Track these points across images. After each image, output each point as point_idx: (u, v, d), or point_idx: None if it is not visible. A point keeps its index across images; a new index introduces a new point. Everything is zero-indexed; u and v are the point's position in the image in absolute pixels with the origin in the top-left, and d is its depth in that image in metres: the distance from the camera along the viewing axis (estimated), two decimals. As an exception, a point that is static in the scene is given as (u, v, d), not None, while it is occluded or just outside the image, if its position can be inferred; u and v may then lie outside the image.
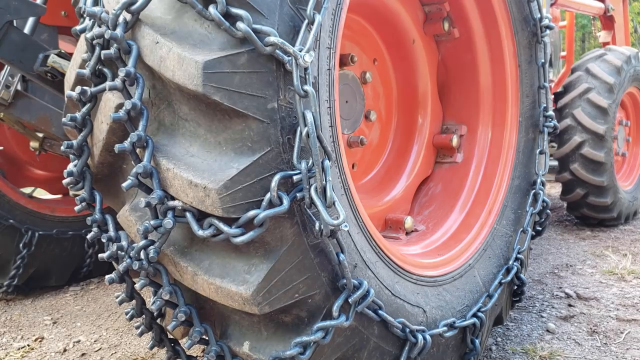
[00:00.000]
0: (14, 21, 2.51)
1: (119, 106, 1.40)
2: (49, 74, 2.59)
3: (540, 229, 2.78)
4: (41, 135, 3.52)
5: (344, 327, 1.53)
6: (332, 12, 1.59)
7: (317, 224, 1.38)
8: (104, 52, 1.38)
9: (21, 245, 3.64)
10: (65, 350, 2.82)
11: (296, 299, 1.44)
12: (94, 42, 1.41)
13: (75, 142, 1.53)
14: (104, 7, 1.44)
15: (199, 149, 1.37)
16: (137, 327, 1.66)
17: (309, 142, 1.34)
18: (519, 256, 2.45)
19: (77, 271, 4.04)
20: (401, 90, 2.75)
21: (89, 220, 1.58)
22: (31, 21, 2.77)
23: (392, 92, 2.74)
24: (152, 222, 1.36)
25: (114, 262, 1.55)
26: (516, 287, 2.51)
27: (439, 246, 2.35)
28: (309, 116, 1.33)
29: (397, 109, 2.78)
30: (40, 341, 2.98)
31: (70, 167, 1.55)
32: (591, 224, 5.19)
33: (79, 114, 1.50)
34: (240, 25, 1.27)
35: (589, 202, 4.85)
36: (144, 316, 1.64)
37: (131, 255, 1.43)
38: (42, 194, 4.36)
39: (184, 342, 1.58)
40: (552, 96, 4.94)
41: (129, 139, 1.34)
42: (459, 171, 2.70)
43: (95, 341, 2.91)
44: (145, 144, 1.35)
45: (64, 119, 1.52)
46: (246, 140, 1.33)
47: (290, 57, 1.32)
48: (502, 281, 2.31)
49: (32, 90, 3.07)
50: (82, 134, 1.52)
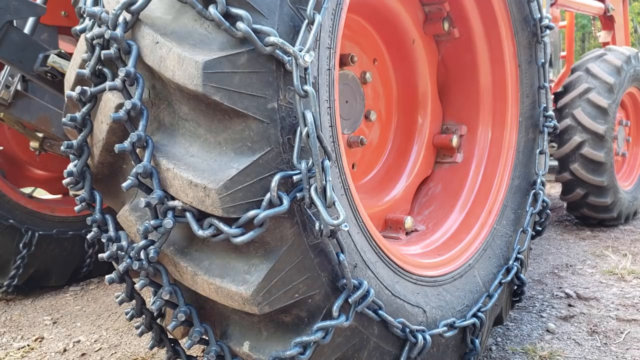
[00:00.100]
0: (14, 21, 2.51)
1: (119, 106, 1.40)
2: (49, 74, 2.59)
3: (540, 229, 2.78)
4: (41, 135, 3.52)
5: (344, 327, 1.53)
6: (332, 12, 1.59)
7: (317, 224, 1.38)
8: (104, 52, 1.38)
9: (21, 245, 3.65)
10: (65, 350, 2.82)
11: (296, 299, 1.44)
12: (94, 42, 1.41)
13: (75, 142, 1.53)
14: (104, 7, 1.44)
15: (199, 149, 1.37)
16: (137, 327, 1.66)
17: (309, 142, 1.34)
18: (519, 256, 2.45)
19: (77, 271, 4.04)
20: (401, 90, 2.75)
21: (89, 220, 1.58)
22: (31, 21, 2.77)
23: (392, 92, 2.74)
24: (152, 222, 1.36)
25: (114, 262, 1.55)
26: (516, 287, 2.51)
27: (439, 246, 2.35)
28: (309, 116, 1.33)
29: (397, 109, 2.78)
30: (40, 341, 2.98)
31: (70, 167, 1.55)
32: (591, 224, 5.19)
33: (79, 114, 1.50)
34: (240, 25, 1.27)
35: (589, 202, 4.85)
36: (144, 316, 1.64)
37: (131, 255, 1.43)
38: (42, 194, 4.36)
39: (184, 342, 1.58)
40: (552, 96, 4.94)
41: (129, 139, 1.34)
42: (459, 171, 2.70)
43: (95, 341, 2.91)
44: (145, 144, 1.35)
45: (64, 119, 1.52)
46: (246, 140, 1.33)
47: (290, 57, 1.32)
48: (502, 281, 2.31)
49: (32, 90, 3.07)
50: (82, 134, 1.52)
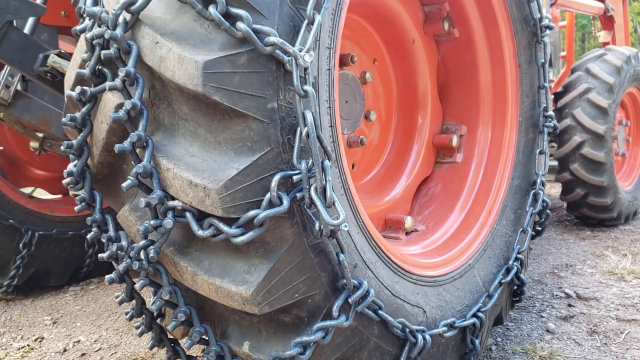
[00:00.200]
0: (14, 21, 2.51)
1: (119, 106, 1.40)
2: (49, 74, 2.59)
3: (540, 229, 2.78)
4: (41, 135, 3.52)
5: (344, 327, 1.53)
6: (332, 12, 1.59)
7: (317, 224, 1.38)
8: (104, 52, 1.38)
9: (21, 245, 3.65)
10: (65, 350, 2.82)
11: (296, 299, 1.44)
12: (94, 42, 1.41)
13: (75, 142, 1.53)
14: (104, 7, 1.44)
15: (199, 149, 1.37)
16: (137, 327, 1.66)
17: (309, 142, 1.34)
18: (518, 256, 2.45)
19: (77, 271, 4.04)
20: (401, 90, 2.75)
21: (89, 220, 1.58)
22: (31, 21, 2.77)
23: (392, 92, 2.74)
24: (152, 222, 1.36)
25: (114, 262, 1.55)
26: (516, 287, 2.50)
27: (439, 246, 2.35)
28: (309, 116, 1.33)
29: (397, 109, 2.77)
30: (40, 341, 2.98)
31: (70, 167, 1.55)
32: (591, 224, 5.19)
33: (78, 114, 1.50)
34: (240, 25, 1.27)
35: (589, 202, 4.85)
36: (144, 316, 1.64)
37: (131, 255, 1.43)
38: (42, 194, 4.36)
39: (184, 342, 1.58)
40: (552, 96, 4.94)
41: (129, 139, 1.34)
42: (459, 171, 2.69)
43: (95, 341, 2.91)
44: (145, 144, 1.35)
45: (64, 119, 1.52)
46: (246, 140, 1.33)
47: (290, 57, 1.32)
48: (502, 281, 2.31)
49: (32, 90, 3.07)
50: (82, 134, 1.52)
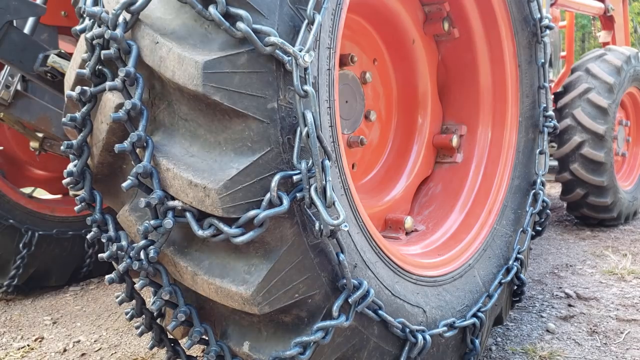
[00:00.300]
0: (14, 21, 2.51)
1: (119, 106, 1.40)
2: (49, 74, 2.60)
3: (540, 229, 2.78)
4: (41, 135, 3.52)
5: (344, 327, 1.53)
6: (332, 12, 1.59)
7: (317, 224, 1.38)
8: (104, 52, 1.38)
9: (21, 245, 3.65)
10: (65, 350, 2.82)
11: (296, 299, 1.44)
12: (94, 42, 1.41)
13: (75, 142, 1.53)
14: (104, 7, 1.44)
15: (199, 149, 1.36)
16: (137, 327, 1.66)
17: (309, 142, 1.34)
18: (518, 256, 2.45)
19: (77, 271, 4.04)
20: (401, 90, 2.75)
21: (89, 220, 1.58)
22: (31, 21, 2.77)
23: (392, 92, 2.74)
24: (152, 222, 1.36)
25: (114, 262, 1.55)
26: (516, 287, 2.50)
27: (439, 246, 2.35)
28: (309, 116, 1.33)
29: (397, 109, 2.77)
30: (40, 341, 2.98)
31: (70, 167, 1.55)
32: (591, 224, 5.19)
33: (78, 114, 1.50)
34: (240, 25, 1.27)
35: (589, 202, 4.85)
36: (144, 316, 1.64)
37: (131, 255, 1.43)
38: (42, 194, 4.36)
39: (184, 342, 1.58)
40: (552, 96, 4.94)
41: (129, 139, 1.34)
42: (459, 171, 2.69)
43: (95, 341, 2.91)
44: (145, 144, 1.35)
45: (64, 119, 1.52)
46: (246, 140, 1.33)
47: (290, 57, 1.32)
48: (502, 281, 2.31)
49: (32, 90, 3.07)
50: (82, 134, 1.52)
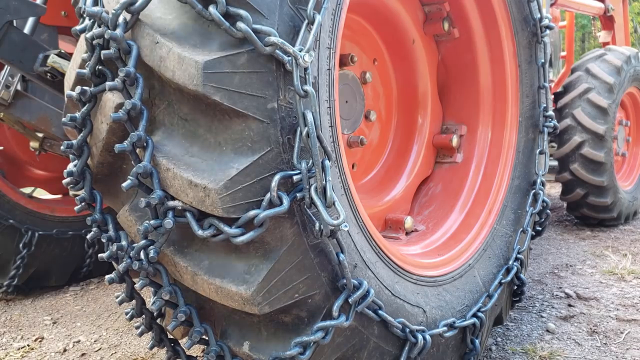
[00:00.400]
0: (14, 21, 2.51)
1: (119, 106, 1.40)
2: (49, 74, 2.60)
3: (540, 229, 2.78)
4: (41, 135, 3.52)
5: (344, 327, 1.53)
6: (332, 12, 1.59)
7: (317, 224, 1.38)
8: (104, 52, 1.38)
9: (21, 245, 3.65)
10: (65, 350, 2.82)
11: (296, 299, 1.44)
12: (94, 42, 1.41)
13: (75, 142, 1.53)
14: (104, 7, 1.44)
15: (199, 149, 1.36)
16: (137, 327, 1.66)
17: (309, 142, 1.34)
18: (519, 256, 2.45)
19: (77, 271, 4.05)
20: (401, 90, 2.75)
21: (89, 220, 1.58)
22: (31, 21, 2.77)
23: (392, 92, 2.74)
24: (152, 222, 1.36)
25: (114, 262, 1.55)
26: (516, 287, 2.50)
27: (439, 246, 2.35)
28: (309, 116, 1.33)
29: (397, 109, 2.77)
30: (40, 341, 2.98)
31: (70, 167, 1.55)
32: (591, 224, 5.19)
33: (78, 114, 1.49)
34: (240, 25, 1.27)
35: (589, 202, 4.85)
36: (144, 316, 1.64)
37: (131, 255, 1.43)
38: (42, 194, 4.36)
39: (184, 342, 1.58)
40: (552, 96, 4.94)
41: (129, 139, 1.34)
42: (459, 171, 2.69)
43: (95, 341, 2.91)
44: (145, 144, 1.35)
45: (64, 119, 1.52)
46: (246, 140, 1.33)
47: (290, 57, 1.32)
48: (502, 281, 2.31)
49: (32, 90, 3.08)
50: (82, 134, 1.52)
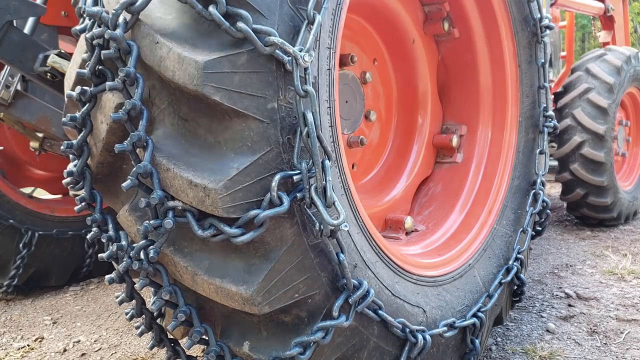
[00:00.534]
0: (14, 21, 2.51)
1: (119, 106, 1.40)
2: (49, 74, 2.60)
3: (540, 229, 2.78)
4: (41, 135, 3.52)
5: (344, 327, 1.53)
6: (332, 12, 1.59)
7: (317, 224, 1.38)
8: (104, 52, 1.38)
9: (21, 245, 3.65)
10: (65, 350, 2.82)
11: (296, 299, 1.44)
12: (94, 42, 1.41)
13: (75, 142, 1.53)
14: (104, 7, 1.44)
15: (199, 149, 1.36)
16: (137, 327, 1.66)
17: (309, 142, 1.34)
18: (519, 256, 2.45)
19: (77, 271, 4.05)
20: (401, 90, 2.75)
21: (88, 220, 1.58)
22: (31, 21, 2.77)
23: (392, 92, 2.74)
24: (152, 222, 1.36)
25: (114, 262, 1.55)
26: (516, 287, 2.50)
27: (439, 246, 2.35)
28: (309, 116, 1.33)
29: (397, 109, 2.77)
30: (40, 341, 2.98)
31: (70, 167, 1.55)
32: (591, 224, 5.19)
33: (78, 114, 1.49)
34: (240, 25, 1.27)
35: (589, 202, 4.85)
36: (144, 316, 1.64)
37: (131, 255, 1.43)
38: (42, 194, 4.36)
39: (184, 342, 1.58)
40: (552, 96, 4.94)
41: (129, 139, 1.34)
42: (459, 171, 2.69)
43: (95, 341, 2.91)
44: (145, 144, 1.35)
45: (64, 119, 1.52)
46: (246, 140, 1.33)
47: (290, 57, 1.32)
48: (502, 281, 2.31)
49: (32, 90, 3.08)
50: (82, 134, 1.52)
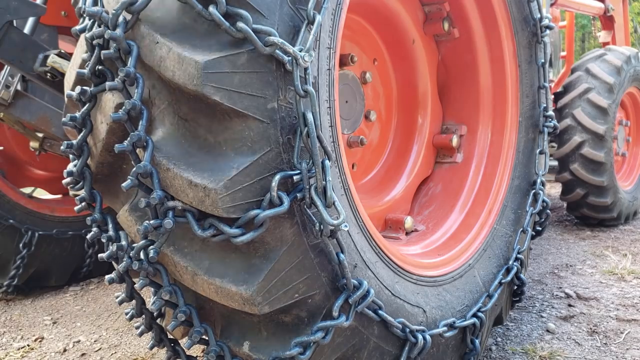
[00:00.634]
0: (14, 21, 2.51)
1: (119, 106, 1.40)
2: (49, 74, 2.60)
3: (540, 229, 2.78)
4: (41, 135, 3.52)
5: (344, 327, 1.53)
6: (332, 12, 1.59)
7: (317, 224, 1.38)
8: (103, 52, 1.38)
9: (21, 245, 3.65)
10: (65, 350, 2.82)
11: (296, 299, 1.44)
12: (94, 42, 1.41)
13: (75, 142, 1.53)
14: (104, 7, 1.44)
15: (199, 149, 1.36)
16: (137, 327, 1.66)
17: (309, 142, 1.34)
18: (519, 256, 2.45)
19: (77, 271, 4.05)
20: (401, 90, 2.75)
21: (88, 220, 1.58)
22: (31, 21, 2.77)
23: (392, 92, 2.74)
24: (152, 222, 1.36)
25: (114, 262, 1.55)
26: (516, 287, 2.50)
27: (439, 246, 2.35)
28: (309, 116, 1.33)
29: (397, 109, 2.77)
30: (40, 341, 2.98)
31: (70, 167, 1.55)
32: (591, 224, 5.19)
33: (78, 114, 1.49)
34: (240, 25, 1.27)
35: (589, 202, 4.85)
36: (144, 316, 1.64)
37: (131, 255, 1.43)
38: (42, 194, 4.36)
39: (184, 342, 1.58)
40: (552, 96, 4.94)
41: (129, 139, 1.34)
42: (459, 171, 2.69)
43: (95, 341, 2.91)
44: (145, 144, 1.35)
45: (64, 119, 1.52)
46: (246, 140, 1.33)
47: (290, 57, 1.32)
48: (502, 281, 2.31)
49: (32, 90, 3.08)
50: (82, 134, 1.52)
